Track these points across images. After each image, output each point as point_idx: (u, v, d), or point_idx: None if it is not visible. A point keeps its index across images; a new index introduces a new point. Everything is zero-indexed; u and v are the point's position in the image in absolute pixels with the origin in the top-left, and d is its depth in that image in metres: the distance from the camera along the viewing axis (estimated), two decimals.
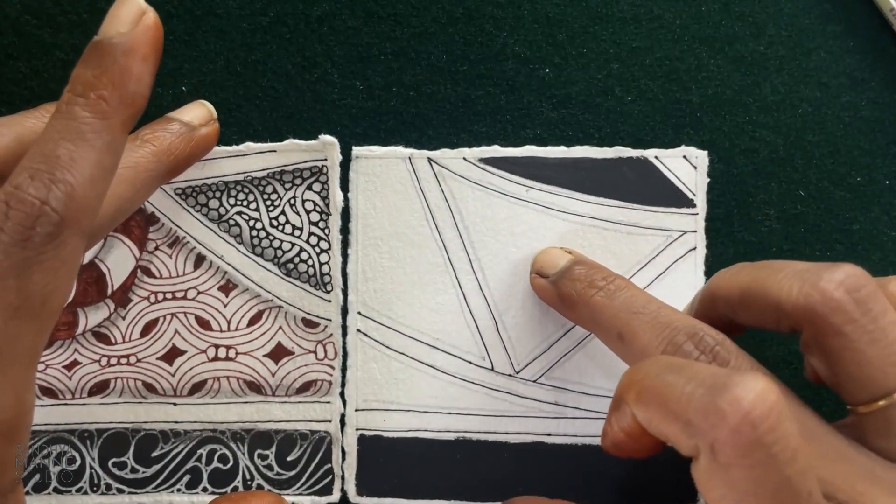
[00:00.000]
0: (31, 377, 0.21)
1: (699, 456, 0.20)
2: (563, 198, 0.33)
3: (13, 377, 0.21)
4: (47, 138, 0.22)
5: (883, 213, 0.33)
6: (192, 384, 0.33)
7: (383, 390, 0.33)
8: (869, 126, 0.33)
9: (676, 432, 0.21)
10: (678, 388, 0.21)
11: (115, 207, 0.27)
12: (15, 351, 0.21)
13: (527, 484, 0.32)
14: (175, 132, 0.30)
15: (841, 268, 0.24)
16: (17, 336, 0.21)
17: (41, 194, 0.21)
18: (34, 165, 0.21)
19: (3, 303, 0.20)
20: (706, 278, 0.32)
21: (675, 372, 0.21)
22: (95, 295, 0.33)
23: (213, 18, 0.33)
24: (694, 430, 0.20)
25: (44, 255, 0.21)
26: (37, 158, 0.21)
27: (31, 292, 0.21)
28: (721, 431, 0.20)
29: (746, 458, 0.19)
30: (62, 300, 0.22)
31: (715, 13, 0.33)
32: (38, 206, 0.21)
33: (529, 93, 0.33)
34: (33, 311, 0.21)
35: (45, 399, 0.33)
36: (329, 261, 0.33)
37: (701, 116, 0.33)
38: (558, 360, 0.33)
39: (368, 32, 0.33)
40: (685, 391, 0.21)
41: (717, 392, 0.20)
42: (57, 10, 0.33)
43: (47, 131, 0.22)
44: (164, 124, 0.30)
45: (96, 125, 0.22)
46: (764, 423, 0.19)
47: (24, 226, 0.20)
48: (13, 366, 0.21)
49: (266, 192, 0.33)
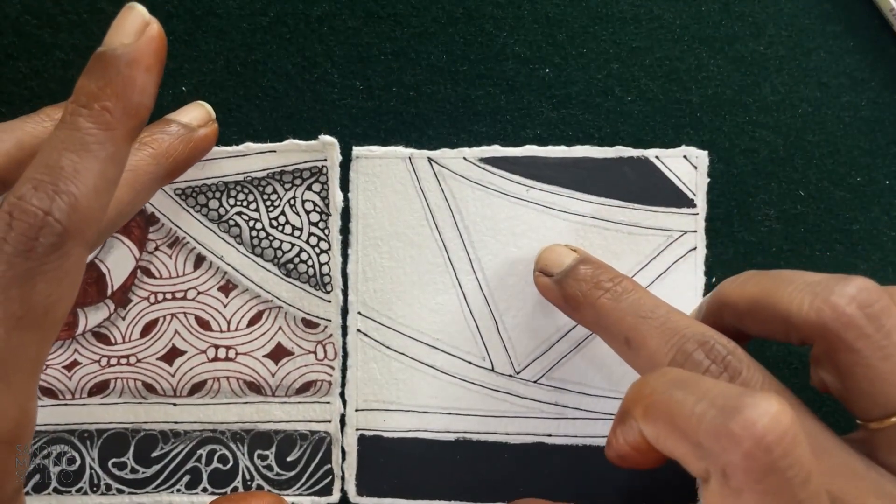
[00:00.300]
0: (33, 387, 0.21)
1: (709, 479, 0.20)
2: (563, 198, 0.33)
3: (16, 387, 0.21)
4: (51, 149, 0.22)
5: (883, 213, 0.33)
6: (191, 384, 0.33)
7: (383, 390, 0.33)
8: (869, 126, 0.33)
9: (685, 453, 0.20)
10: (688, 406, 0.20)
11: (115, 212, 0.27)
12: (18, 361, 0.21)
13: (527, 484, 0.32)
14: (174, 134, 0.29)
15: (853, 281, 0.23)
16: (20, 346, 0.21)
17: (44, 205, 0.21)
18: (37, 176, 0.21)
19: (7, 313, 0.20)
20: (706, 278, 0.32)
21: (684, 388, 0.21)
22: (95, 295, 0.33)
23: (213, 18, 0.33)
24: (704, 453, 0.20)
25: (47, 265, 0.21)
26: (40, 169, 0.21)
27: (35, 303, 0.21)
28: (733, 456, 0.19)
29: (760, 483, 0.19)
30: (65, 310, 0.22)
31: (715, 13, 0.33)
32: (41, 217, 0.21)
33: (529, 93, 0.33)
34: (36, 322, 0.21)
35: (45, 399, 0.33)
36: (329, 261, 0.33)
37: (701, 116, 0.33)
38: (559, 360, 0.32)
39: (368, 32, 0.33)
40: (695, 411, 0.20)
41: (730, 414, 0.19)
42: (57, 10, 0.33)
43: (51, 142, 0.22)
44: (163, 126, 0.30)
45: (100, 136, 0.22)
46: (778, 447, 0.19)
47: (27, 236, 0.21)
48: (16, 375, 0.21)
49: (266, 192, 0.33)
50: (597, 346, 0.32)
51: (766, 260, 0.32)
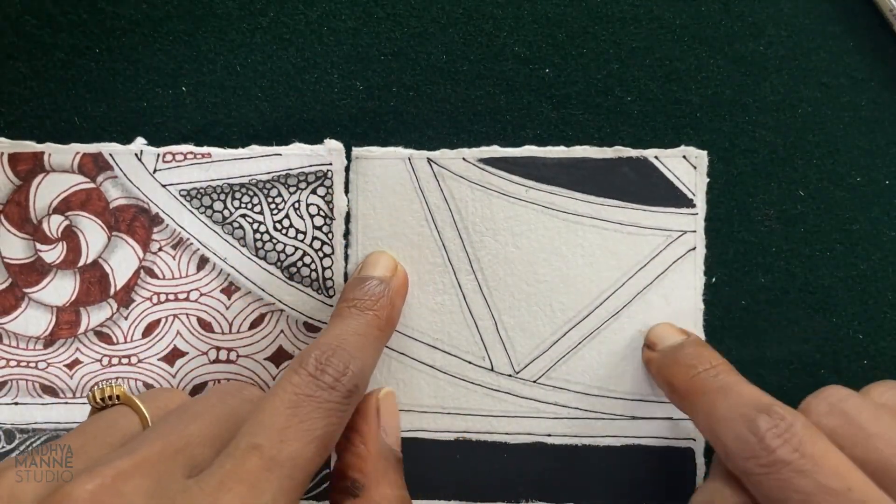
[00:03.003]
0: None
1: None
2: (562, 198, 0.33)
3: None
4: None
5: (883, 213, 0.33)
6: (192, 386, 0.33)
7: None
8: (869, 126, 0.33)
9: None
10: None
11: None
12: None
13: (527, 484, 0.33)
14: (378, 294, 0.31)
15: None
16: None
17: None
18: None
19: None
20: (706, 278, 0.33)
21: None
22: (98, 294, 0.33)
23: (213, 18, 0.33)
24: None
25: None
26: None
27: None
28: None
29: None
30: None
31: (715, 13, 0.33)
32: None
33: (529, 93, 0.33)
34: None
35: (46, 397, 0.33)
36: (332, 265, 0.33)
37: (701, 116, 0.33)
38: (558, 360, 0.33)
39: (368, 32, 0.33)
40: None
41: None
42: (57, 10, 0.33)
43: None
44: (362, 286, 0.31)
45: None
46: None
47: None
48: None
49: (270, 195, 0.33)
50: (596, 347, 0.32)
51: (765, 260, 0.33)
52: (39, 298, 0.33)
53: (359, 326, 0.29)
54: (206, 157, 0.33)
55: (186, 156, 0.33)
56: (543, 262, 0.33)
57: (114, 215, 0.33)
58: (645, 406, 0.32)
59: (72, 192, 0.33)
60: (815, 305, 0.33)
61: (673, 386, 0.29)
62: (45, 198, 0.33)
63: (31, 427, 0.33)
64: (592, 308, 0.33)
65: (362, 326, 0.29)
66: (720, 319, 0.33)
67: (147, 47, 0.33)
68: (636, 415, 0.32)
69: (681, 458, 0.32)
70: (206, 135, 0.33)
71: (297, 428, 0.24)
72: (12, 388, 0.33)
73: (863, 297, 0.33)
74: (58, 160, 0.33)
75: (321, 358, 0.26)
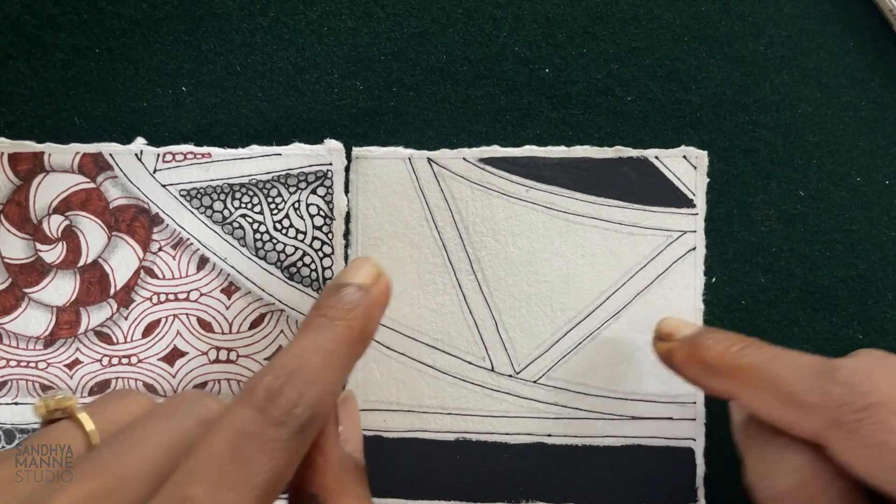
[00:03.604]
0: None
1: (826, 435, 0.25)
2: (563, 198, 0.33)
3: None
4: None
5: (883, 213, 0.33)
6: (192, 386, 0.33)
7: (383, 390, 0.33)
8: (869, 126, 0.33)
9: (794, 419, 0.26)
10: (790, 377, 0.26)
11: None
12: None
13: (527, 484, 0.33)
14: (353, 302, 0.27)
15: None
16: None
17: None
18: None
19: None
20: (706, 278, 0.33)
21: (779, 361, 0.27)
22: (98, 294, 0.33)
23: (213, 18, 0.33)
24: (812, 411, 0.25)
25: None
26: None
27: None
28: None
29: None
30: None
31: (715, 13, 0.33)
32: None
33: (529, 93, 0.33)
34: None
35: None
36: (332, 265, 0.33)
37: (701, 116, 0.33)
38: (558, 360, 0.33)
39: (368, 32, 0.33)
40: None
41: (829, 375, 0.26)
42: (57, 10, 0.33)
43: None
44: (337, 293, 0.27)
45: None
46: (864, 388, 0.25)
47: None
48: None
49: (270, 195, 0.33)
50: (596, 347, 0.32)
51: (765, 260, 0.33)
52: (39, 298, 0.33)
53: (325, 342, 0.25)
54: (206, 157, 0.33)
55: (186, 156, 0.33)
56: (544, 263, 0.33)
57: (114, 215, 0.33)
58: (645, 406, 0.32)
59: (72, 192, 0.33)
60: (815, 305, 0.33)
61: (712, 366, 0.28)
62: (46, 198, 0.33)
63: (32, 427, 0.33)
64: (593, 308, 0.33)
65: (329, 342, 0.25)
66: (720, 319, 0.33)
67: (147, 47, 0.33)
68: (636, 415, 0.32)
69: (681, 458, 0.32)
70: (206, 135, 0.33)
71: (237, 475, 0.21)
72: (12, 388, 0.33)
73: (863, 297, 0.33)
74: (58, 160, 0.33)
75: (273, 385, 0.23)
